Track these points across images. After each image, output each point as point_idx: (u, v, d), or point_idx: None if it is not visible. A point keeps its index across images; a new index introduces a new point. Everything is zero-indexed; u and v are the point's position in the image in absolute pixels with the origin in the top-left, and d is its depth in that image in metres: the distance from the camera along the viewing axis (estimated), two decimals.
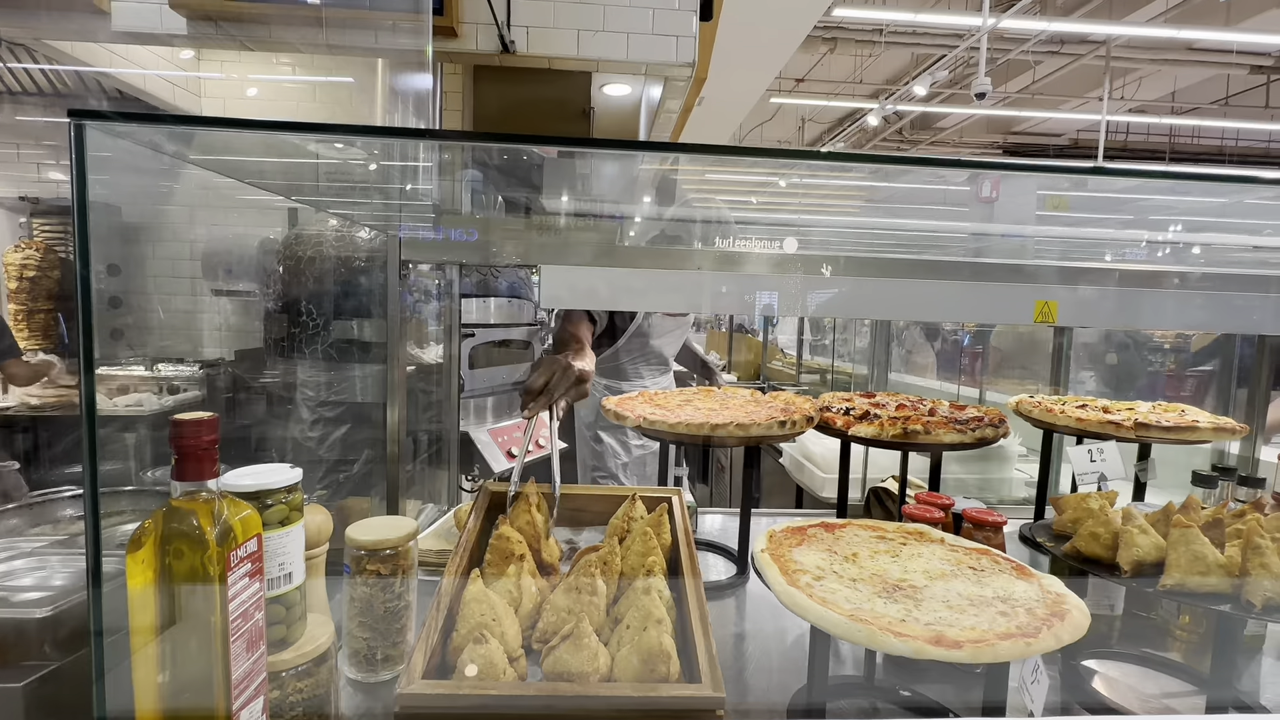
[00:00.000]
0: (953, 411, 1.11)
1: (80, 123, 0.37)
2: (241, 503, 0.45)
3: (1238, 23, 5.56)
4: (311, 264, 1.68)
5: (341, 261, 1.68)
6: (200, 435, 0.40)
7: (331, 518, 0.64)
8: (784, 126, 10.23)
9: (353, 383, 1.58)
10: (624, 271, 0.86)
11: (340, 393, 1.57)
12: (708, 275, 0.87)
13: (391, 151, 0.96)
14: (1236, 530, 0.67)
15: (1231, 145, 10.10)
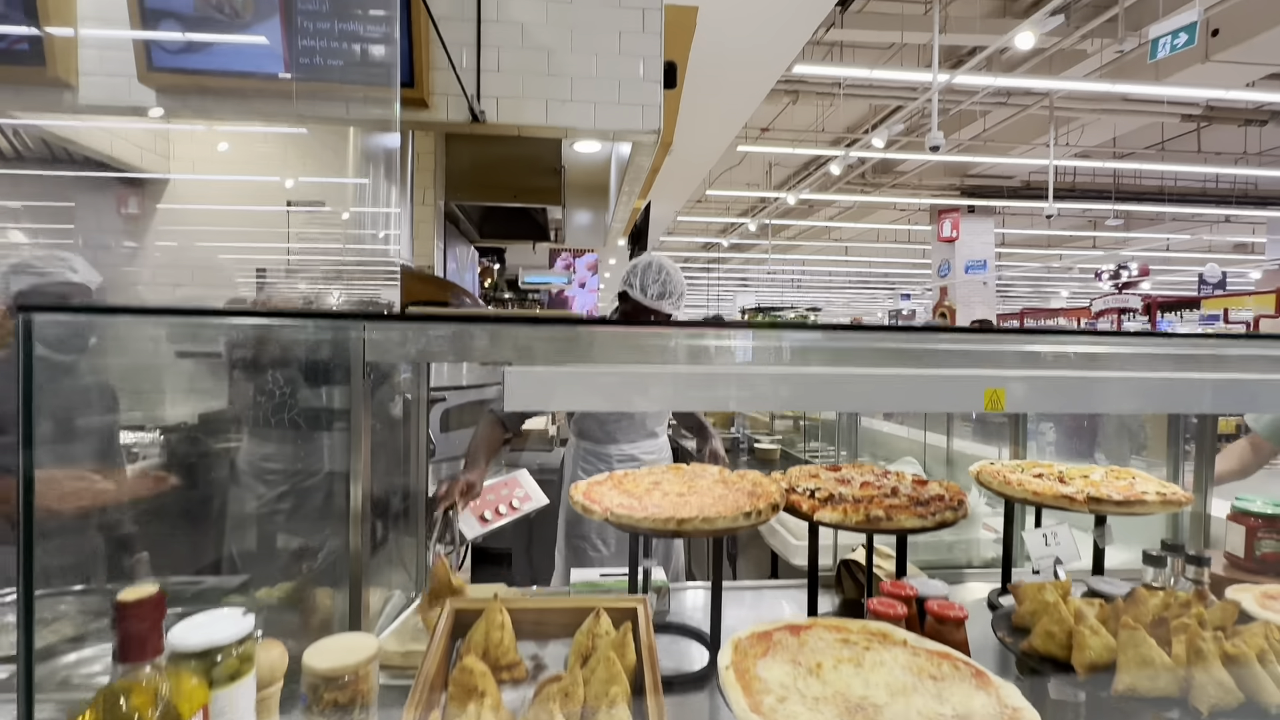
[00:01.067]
0: (915, 488, 1.13)
1: (29, 316, 0.37)
2: (187, 673, 0.44)
3: (1165, 77, 5.97)
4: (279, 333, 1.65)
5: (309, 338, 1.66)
6: (143, 618, 0.40)
7: (287, 652, 0.63)
8: (752, 171, 10.56)
9: (320, 455, 1.55)
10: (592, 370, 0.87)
11: (306, 467, 1.54)
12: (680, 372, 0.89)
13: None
14: (1182, 624, 0.69)
15: (1171, 185, 10.71)
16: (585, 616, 0.74)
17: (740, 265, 18.38)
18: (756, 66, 4.84)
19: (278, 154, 2.70)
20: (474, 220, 4.27)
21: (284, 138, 2.57)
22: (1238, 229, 12.80)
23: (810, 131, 8.78)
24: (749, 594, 1.39)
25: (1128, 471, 1.28)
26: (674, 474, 1.20)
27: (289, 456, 1.50)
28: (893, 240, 14.71)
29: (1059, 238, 14.27)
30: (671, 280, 1.75)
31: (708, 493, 1.07)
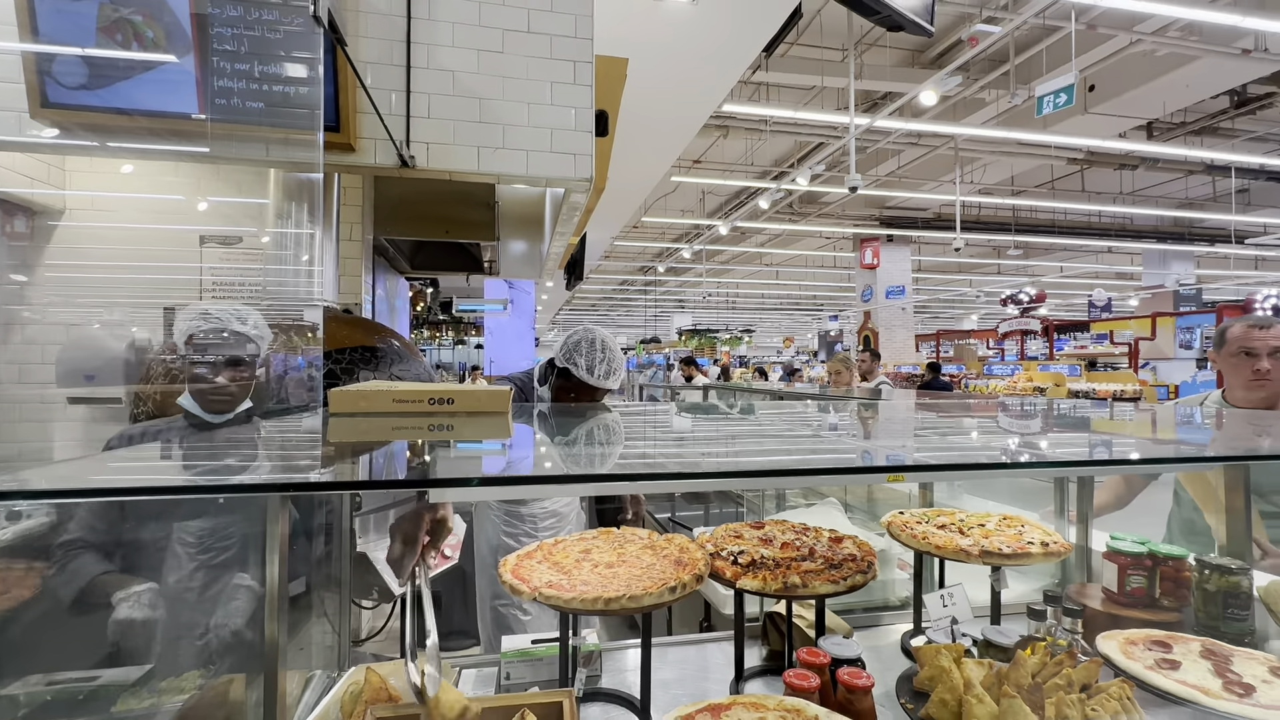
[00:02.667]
0: (831, 548, 1.20)
1: None
2: None
3: (1051, 126, 6.63)
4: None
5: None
6: None
7: None
8: (686, 199, 10.84)
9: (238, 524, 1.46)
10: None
11: (223, 539, 1.45)
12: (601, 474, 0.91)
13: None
14: (1054, 686, 0.78)
15: (1061, 219, 11.80)
16: (512, 715, 0.74)
17: (676, 288, 18.72)
18: (688, 107, 5.02)
19: (188, 188, 2.56)
20: (404, 252, 4.18)
21: (197, 172, 2.44)
22: (1118, 259, 14.20)
23: (740, 164, 9.14)
24: (682, 650, 1.42)
25: (1018, 519, 1.41)
26: (604, 540, 1.22)
27: (200, 529, 1.42)
28: (820, 266, 15.41)
29: (968, 265, 15.39)
30: (615, 359, 1.78)
31: (636, 561, 1.10)
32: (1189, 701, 0.84)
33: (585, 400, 1.75)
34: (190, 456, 0.95)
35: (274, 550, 0.94)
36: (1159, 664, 0.93)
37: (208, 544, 1.39)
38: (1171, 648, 1.00)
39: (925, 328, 21.48)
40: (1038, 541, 1.25)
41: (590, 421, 1.36)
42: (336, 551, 1.37)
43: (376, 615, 1.97)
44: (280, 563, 0.95)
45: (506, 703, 0.75)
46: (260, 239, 2.39)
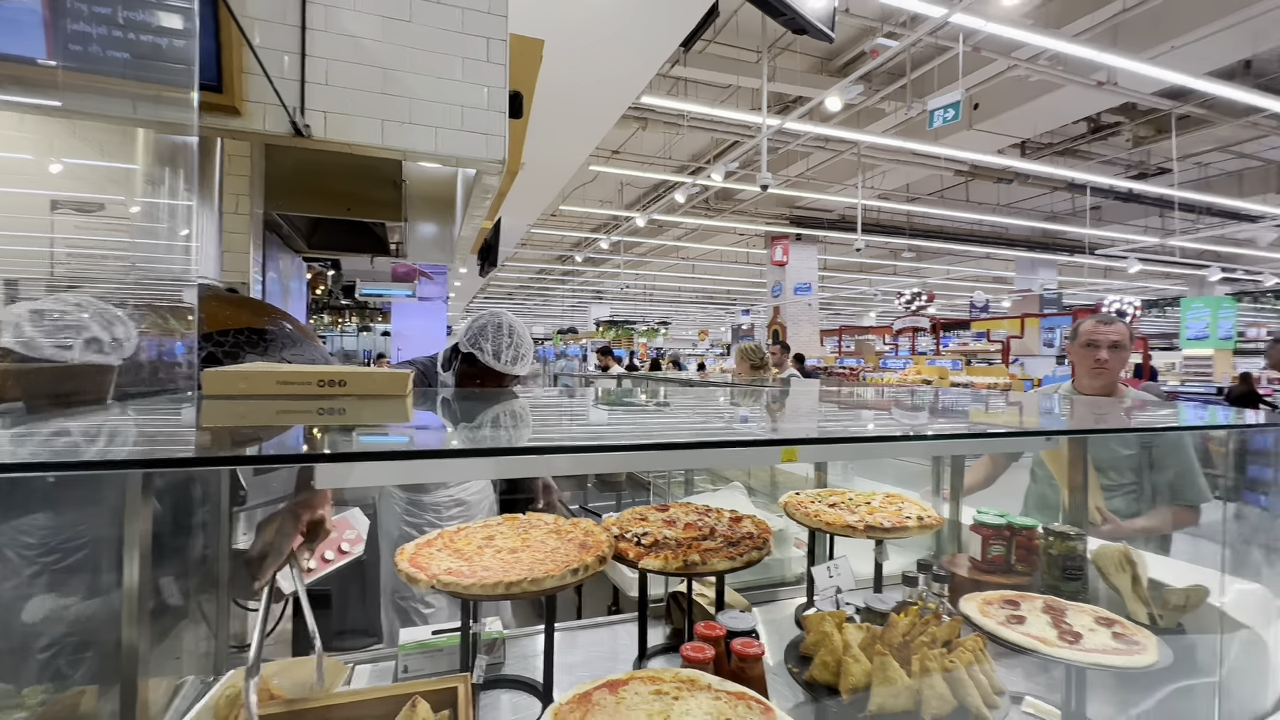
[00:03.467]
0: (731, 527, 1.25)
1: None
2: None
3: (941, 139, 7.19)
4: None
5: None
6: None
7: None
8: (605, 189, 10.81)
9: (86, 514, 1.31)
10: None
11: (71, 538, 1.30)
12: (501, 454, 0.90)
13: None
14: (919, 644, 0.85)
15: (949, 226, 12.81)
16: (394, 708, 0.72)
17: (595, 278, 18.67)
18: (606, 95, 5.00)
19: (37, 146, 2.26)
20: (301, 230, 3.89)
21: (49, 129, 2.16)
22: (996, 265, 15.64)
23: (659, 157, 9.23)
24: (589, 633, 1.44)
25: (900, 497, 1.53)
26: (509, 526, 1.21)
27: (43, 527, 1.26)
28: (734, 261, 15.88)
29: (868, 265, 16.40)
30: (523, 344, 1.74)
31: (540, 546, 1.10)
32: (1030, 650, 0.96)
33: (491, 387, 1.71)
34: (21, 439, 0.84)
35: (133, 549, 0.86)
36: (1009, 620, 1.05)
37: (53, 544, 1.24)
38: (1019, 605, 1.13)
39: (829, 323, 22.72)
40: (914, 516, 1.36)
41: (498, 405, 1.33)
42: (213, 549, 1.27)
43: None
44: (141, 563, 0.87)
45: (395, 692, 0.73)
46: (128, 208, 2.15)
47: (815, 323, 12.90)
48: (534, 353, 1.80)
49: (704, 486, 2.60)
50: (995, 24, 4.39)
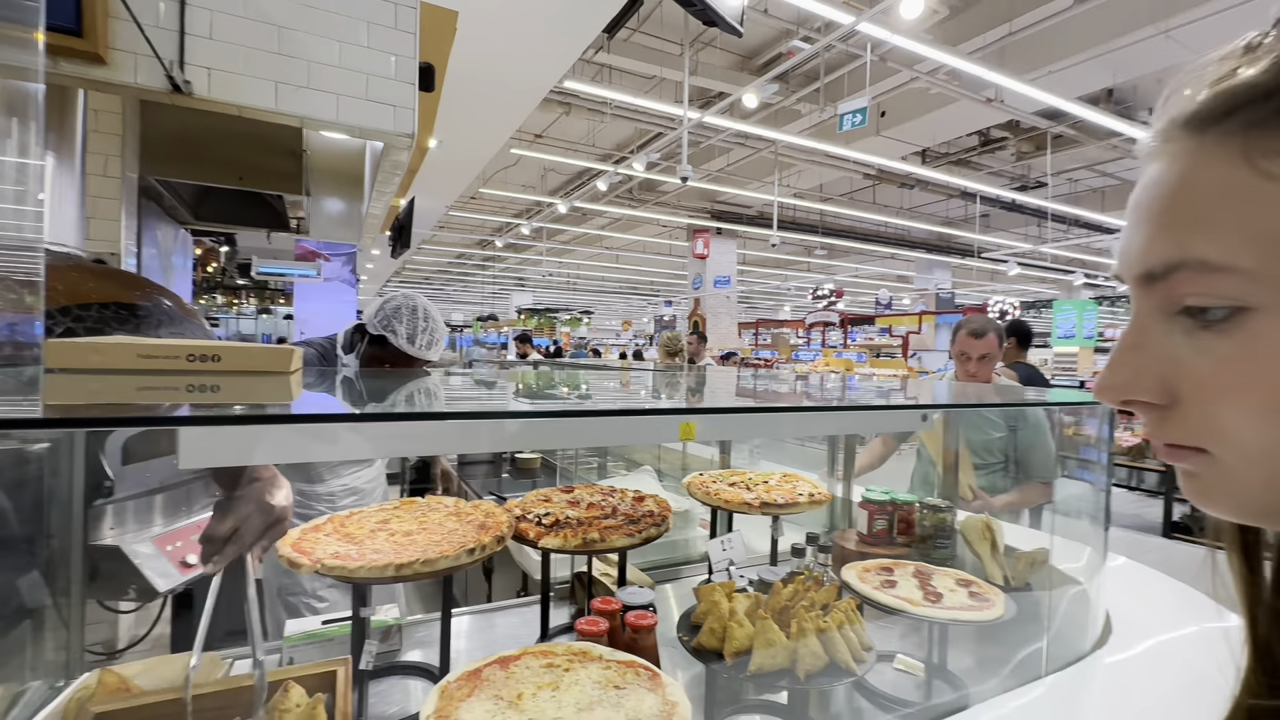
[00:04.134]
0: (633, 505, 1.28)
1: None
2: None
3: (851, 143, 7.57)
4: None
5: None
6: None
7: None
8: (527, 173, 10.59)
9: None
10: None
11: None
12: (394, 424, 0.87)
13: None
14: (802, 607, 0.92)
15: (858, 225, 13.55)
16: (274, 691, 0.69)
17: (517, 265, 18.30)
18: (528, 77, 4.89)
19: None
20: (186, 200, 3.55)
21: None
22: (899, 265, 16.70)
23: (582, 144, 9.14)
24: (491, 617, 1.43)
25: (796, 476, 1.62)
26: (405, 510, 1.18)
27: None
28: (657, 252, 16.04)
29: (784, 261, 17.06)
30: (438, 328, 1.69)
31: (438, 529, 1.07)
32: (899, 610, 1.05)
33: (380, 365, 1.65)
34: None
35: None
36: (882, 584, 1.15)
37: None
38: (894, 571, 1.23)
39: (747, 316, 23.47)
40: (806, 493, 1.45)
41: (405, 383, 1.29)
42: (65, 545, 1.15)
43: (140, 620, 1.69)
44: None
45: (270, 678, 0.70)
46: None
47: (734, 315, 13.29)
48: (446, 339, 1.76)
49: (616, 471, 2.64)
50: (899, 36, 4.67)
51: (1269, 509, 0.30)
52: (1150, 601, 1.50)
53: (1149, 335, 0.31)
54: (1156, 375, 0.31)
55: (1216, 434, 0.30)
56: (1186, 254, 0.29)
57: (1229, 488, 0.30)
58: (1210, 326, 0.29)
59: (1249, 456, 0.29)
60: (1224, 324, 0.28)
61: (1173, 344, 0.30)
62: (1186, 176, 0.29)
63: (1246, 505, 0.30)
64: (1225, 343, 0.28)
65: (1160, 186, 0.30)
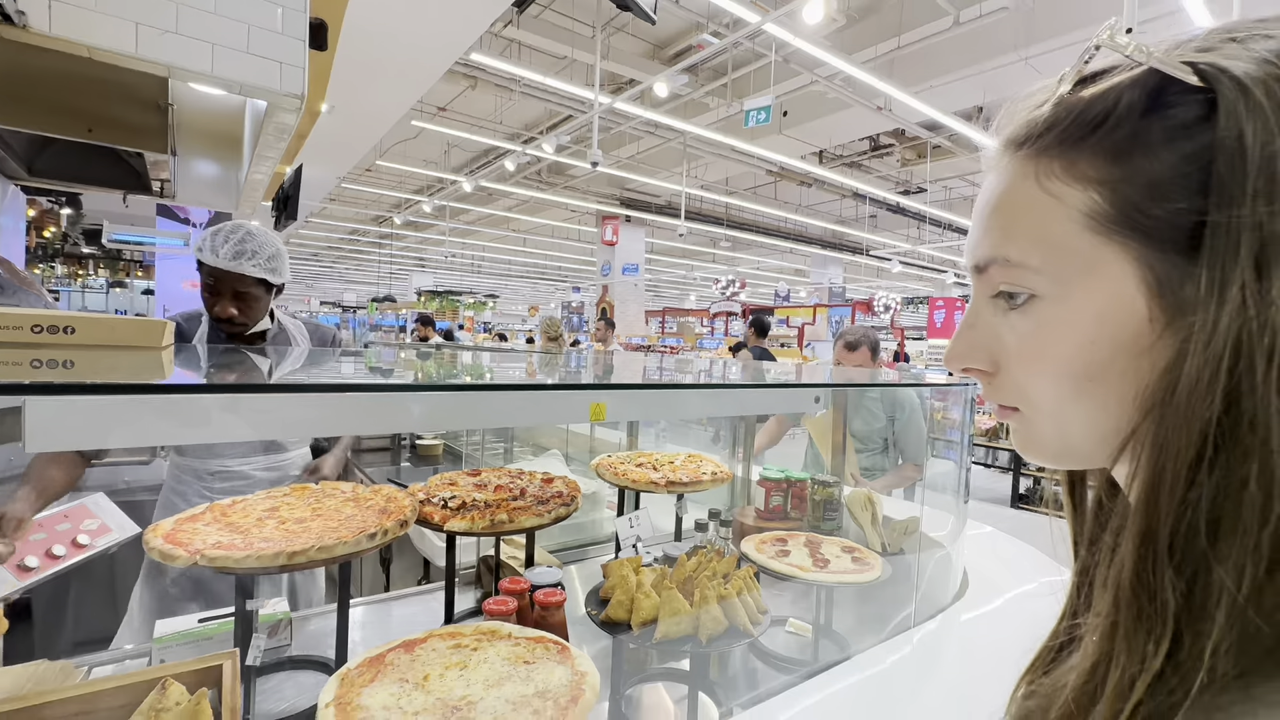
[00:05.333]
0: (541, 487, 1.28)
1: None
2: None
3: (756, 139, 7.86)
4: None
5: None
6: None
7: None
8: (429, 148, 10.08)
9: None
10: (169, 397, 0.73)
11: None
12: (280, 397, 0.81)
13: None
14: (705, 577, 0.97)
15: (761, 220, 14.11)
16: (139, 695, 0.63)
17: (417, 245, 17.40)
18: (432, 45, 4.63)
19: None
20: (17, 150, 3.06)
21: None
22: (797, 259, 17.61)
23: (489, 121, 8.83)
24: (396, 605, 1.38)
25: (700, 457, 1.69)
26: (298, 496, 1.11)
27: None
28: (566, 237, 15.86)
29: (690, 251, 17.45)
30: (257, 242, 1.54)
31: (334, 515, 1.02)
32: (791, 576, 1.14)
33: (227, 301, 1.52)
34: None
35: None
36: (777, 554, 1.23)
37: None
38: (787, 542, 1.32)
39: (654, 304, 23.82)
40: (709, 472, 1.51)
41: (286, 362, 1.20)
42: None
43: None
44: None
45: (140, 679, 0.64)
46: None
47: (641, 303, 13.45)
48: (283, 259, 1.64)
49: (523, 456, 2.61)
50: (801, 40, 4.89)
51: (1061, 453, 0.37)
52: (1001, 561, 1.71)
53: (980, 316, 0.38)
54: (984, 348, 0.38)
55: (1023, 396, 0.37)
56: (998, 251, 0.36)
57: (1035, 438, 0.37)
58: (1016, 309, 0.36)
59: (1043, 412, 0.36)
60: (1024, 307, 0.35)
61: (995, 323, 0.37)
62: (1002, 189, 0.36)
63: (1046, 451, 0.37)
64: (1025, 322, 0.35)
65: (988, 194, 0.37)
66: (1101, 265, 0.31)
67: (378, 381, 1.04)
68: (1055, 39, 5.26)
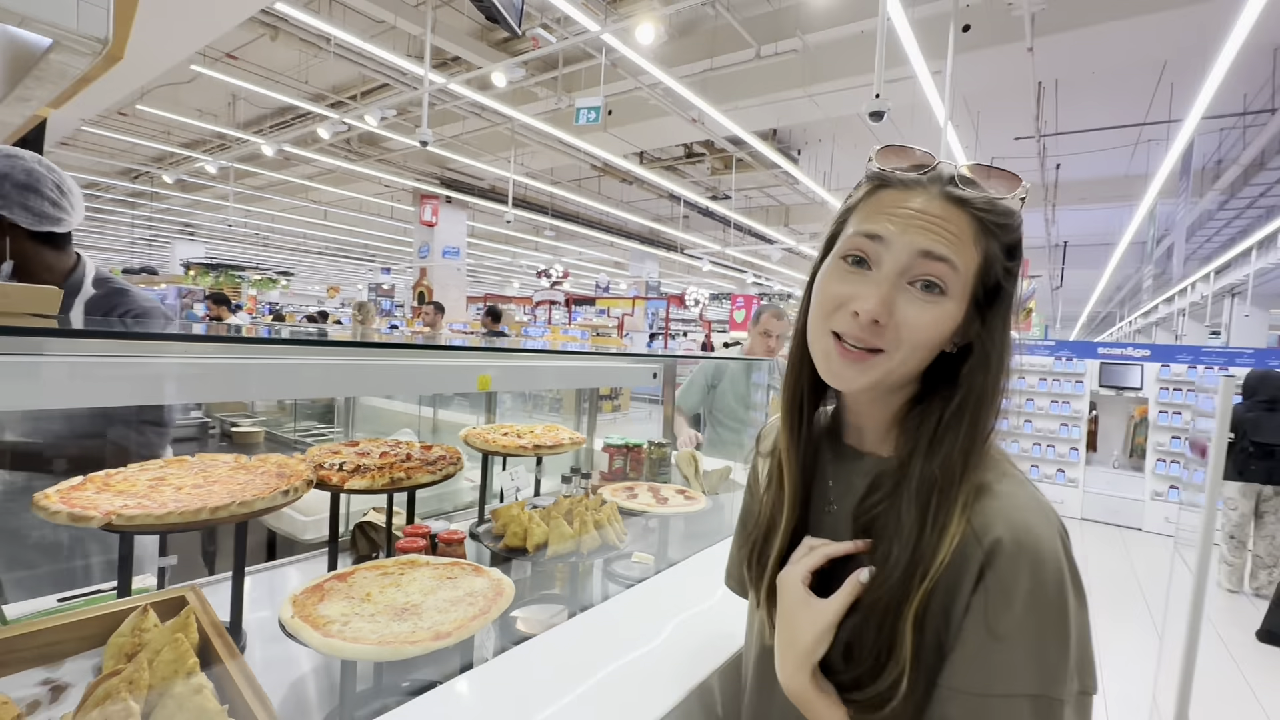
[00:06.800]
0: (423, 452, 1.42)
1: None
2: None
3: (583, 134, 8.17)
4: None
5: None
6: None
7: None
8: (209, 97, 8.71)
9: None
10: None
11: None
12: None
13: None
14: (579, 511, 1.21)
15: (584, 212, 14.51)
16: (109, 626, 0.70)
17: (186, 208, 14.78)
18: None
19: None
20: None
21: None
22: (617, 252, 18.41)
23: (289, 77, 7.92)
24: (259, 578, 1.40)
25: (555, 426, 1.92)
26: (179, 468, 1.12)
27: None
28: (376, 213, 14.69)
29: (514, 238, 17.28)
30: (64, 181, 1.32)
31: (230, 481, 1.07)
32: (642, 511, 1.44)
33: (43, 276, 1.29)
34: None
35: None
36: (628, 497, 1.53)
37: None
38: (634, 489, 1.62)
39: (475, 290, 23.09)
40: (567, 438, 1.76)
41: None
42: None
43: None
44: None
45: (118, 607, 0.70)
46: None
47: (462, 288, 13.05)
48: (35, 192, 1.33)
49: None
50: (628, 49, 5.28)
51: (883, 384, 0.58)
52: None
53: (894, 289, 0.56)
54: (891, 309, 0.56)
55: (897, 346, 0.56)
56: (950, 255, 0.55)
57: (880, 374, 0.57)
58: (929, 296, 0.55)
59: (898, 359, 0.56)
60: (935, 296, 0.55)
61: (902, 296, 0.56)
62: (957, 220, 0.56)
63: (879, 384, 0.58)
64: (931, 306, 0.55)
65: (942, 213, 0.56)
66: (968, 294, 0.57)
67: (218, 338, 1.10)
68: (831, 82, 6.35)
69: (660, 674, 0.91)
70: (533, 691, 0.83)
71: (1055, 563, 0.51)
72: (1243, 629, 3.73)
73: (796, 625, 0.59)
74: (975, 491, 0.55)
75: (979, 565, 0.52)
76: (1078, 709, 0.51)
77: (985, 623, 0.51)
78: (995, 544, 0.52)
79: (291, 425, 2.91)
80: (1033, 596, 0.50)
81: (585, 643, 0.99)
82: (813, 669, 0.58)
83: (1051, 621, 0.50)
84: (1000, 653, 0.50)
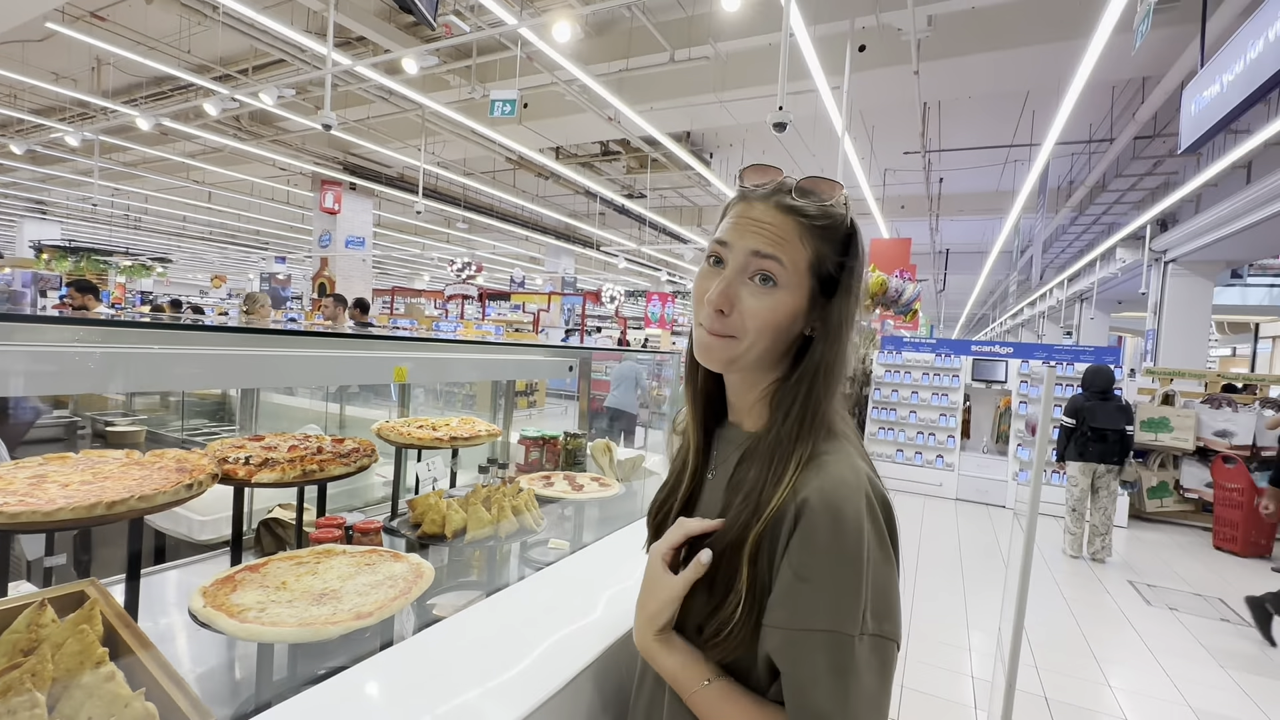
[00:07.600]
0: (335, 445, 1.40)
1: None
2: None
3: (498, 126, 8.02)
4: None
5: None
6: None
7: None
8: (72, 61, 7.76)
9: None
10: None
11: None
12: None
13: None
14: (495, 498, 1.25)
15: (499, 205, 14.20)
16: (1, 623, 0.67)
17: (40, 183, 13.05)
18: None
19: None
20: None
21: None
22: (533, 247, 18.15)
23: (168, 45, 7.22)
24: (155, 579, 1.32)
25: (471, 419, 1.94)
26: (62, 464, 1.05)
27: None
28: (270, 198, 13.65)
29: (423, 229, 16.62)
30: None
31: (124, 476, 1.02)
32: (558, 497, 1.50)
33: None
34: None
35: None
36: (545, 485, 1.58)
37: None
38: (551, 478, 1.68)
39: (381, 283, 21.97)
40: (483, 430, 1.78)
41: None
42: None
43: None
44: None
45: (13, 603, 0.67)
46: None
47: (368, 280, 12.42)
48: None
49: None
50: (543, 43, 5.26)
51: (737, 365, 0.68)
52: None
53: (736, 282, 0.66)
54: (734, 300, 0.65)
55: (743, 331, 0.65)
56: (776, 252, 0.64)
57: (732, 356, 0.66)
58: (764, 288, 0.65)
59: (745, 343, 0.66)
60: (768, 288, 0.65)
61: (743, 288, 0.65)
62: (782, 223, 0.65)
63: (733, 364, 0.67)
64: (766, 296, 0.64)
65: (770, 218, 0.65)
66: (804, 285, 0.66)
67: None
68: (741, 90, 6.63)
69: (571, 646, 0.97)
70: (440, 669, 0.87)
71: (856, 520, 0.60)
72: (1083, 589, 4.33)
73: (649, 593, 0.69)
74: (809, 458, 0.65)
75: (794, 518, 0.61)
76: (874, 649, 0.59)
77: (793, 567, 0.60)
78: (804, 501, 0.61)
79: (178, 424, 2.71)
80: (832, 546, 0.59)
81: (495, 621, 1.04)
82: (656, 630, 0.67)
83: (846, 569, 0.58)
84: (804, 594, 0.59)
